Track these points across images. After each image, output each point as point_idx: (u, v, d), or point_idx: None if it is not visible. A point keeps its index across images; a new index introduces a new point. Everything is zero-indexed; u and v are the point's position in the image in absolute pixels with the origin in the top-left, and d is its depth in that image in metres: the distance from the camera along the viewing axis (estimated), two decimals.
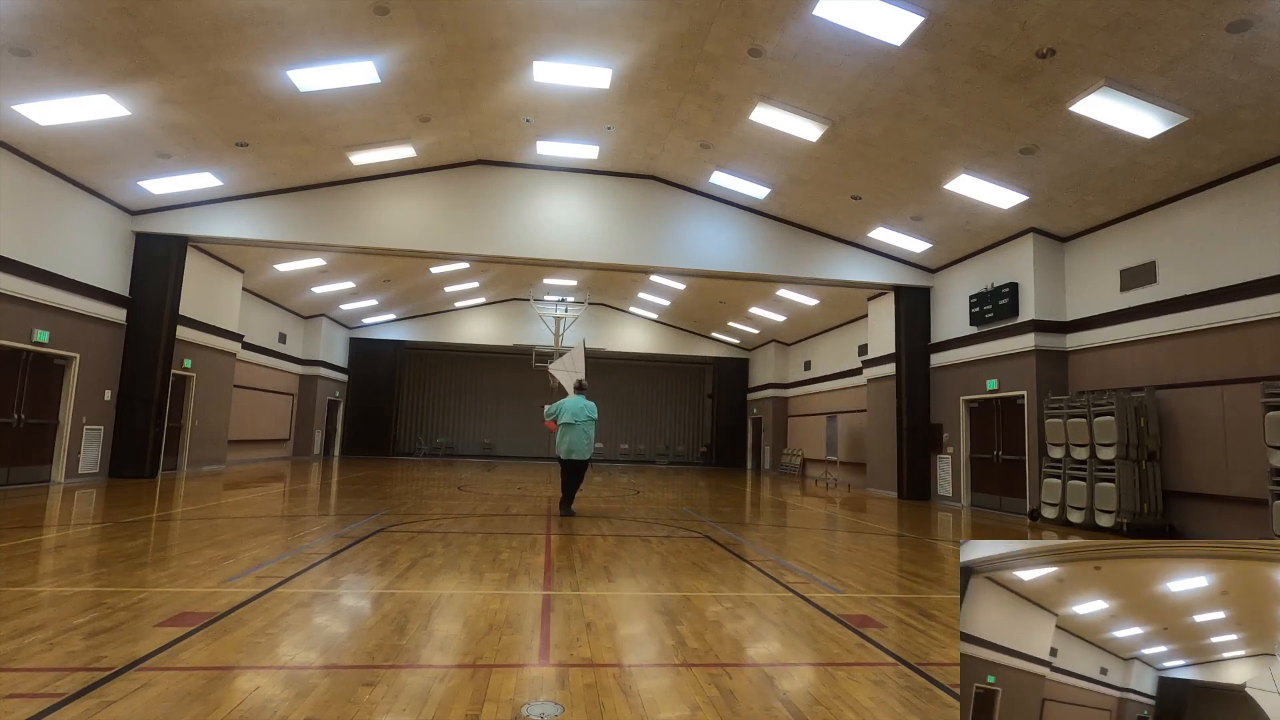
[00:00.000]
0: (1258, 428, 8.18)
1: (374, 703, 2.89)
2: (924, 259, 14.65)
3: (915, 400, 14.83)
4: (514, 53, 9.66)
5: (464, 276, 21.23)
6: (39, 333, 10.76)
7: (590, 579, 5.57)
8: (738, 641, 4.02)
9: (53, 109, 9.35)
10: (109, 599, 4.36)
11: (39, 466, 11.11)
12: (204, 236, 13.39)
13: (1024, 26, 7.42)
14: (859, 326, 18.93)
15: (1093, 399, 10.40)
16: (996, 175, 10.67)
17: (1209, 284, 9.42)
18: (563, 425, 9.51)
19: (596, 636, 3.98)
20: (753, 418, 27.22)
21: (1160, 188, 9.88)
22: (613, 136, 12.69)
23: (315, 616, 4.26)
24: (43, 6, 7.56)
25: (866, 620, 4.56)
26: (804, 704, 3.06)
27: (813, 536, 8.77)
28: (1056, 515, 10.66)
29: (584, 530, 8.32)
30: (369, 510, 9.58)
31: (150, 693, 2.90)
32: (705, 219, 14.62)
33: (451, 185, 13.98)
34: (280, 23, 8.33)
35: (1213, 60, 7.23)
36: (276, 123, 10.76)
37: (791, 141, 11.15)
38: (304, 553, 6.22)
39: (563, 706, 2.91)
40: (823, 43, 8.47)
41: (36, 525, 7.41)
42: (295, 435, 22.27)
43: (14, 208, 10.23)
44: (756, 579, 5.87)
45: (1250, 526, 8.61)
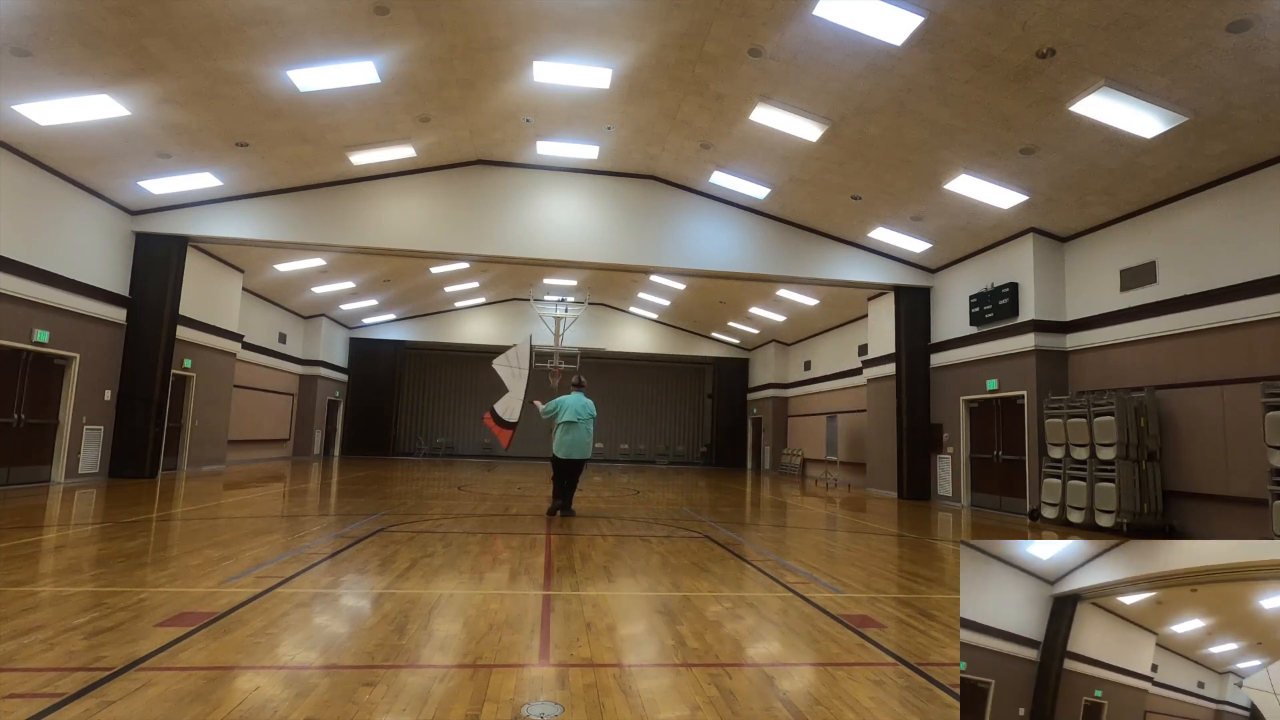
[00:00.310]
0: (1258, 428, 8.17)
1: (374, 703, 2.89)
2: (924, 259, 14.65)
3: (915, 400, 14.83)
4: (514, 53, 9.66)
5: (464, 276, 21.23)
6: (39, 333, 10.76)
7: (590, 579, 5.57)
8: (738, 641, 4.02)
9: (53, 109, 9.35)
10: (109, 599, 4.36)
11: (39, 466, 11.11)
12: (204, 236, 13.39)
13: (1024, 26, 7.42)
14: (859, 326, 18.93)
15: (1093, 399, 10.40)
16: (996, 175, 10.67)
17: (1209, 284, 9.42)
18: (564, 424, 9.28)
19: (596, 636, 3.98)
20: (753, 418, 27.22)
21: (1160, 188, 9.88)
22: (613, 136, 12.69)
23: (315, 616, 4.26)
24: (43, 6, 7.56)
25: (866, 620, 4.56)
26: (804, 704, 3.06)
27: (813, 536, 8.77)
28: (1056, 515, 10.66)
29: (584, 530, 8.32)
30: (369, 510, 9.58)
31: (150, 693, 2.90)
32: (705, 219, 14.62)
33: (451, 185, 13.98)
34: (280, 23, 8.33)
35: (1213, 60, 7.23)
36: (276, 123, 10.76)
37: (791, 141, 11.15)
38: (304, 553, 6.22)
39: (563, 706, 2.91)
40: (823, 43, 8.46)
41: (36, 525, 7.41)
42: (295, 435, 22.27)
43: (14, 208, 10.23)
44: (756, 579, 5.87)
45: (1250, 526, 8.61)
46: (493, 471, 19.56)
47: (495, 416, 10.51)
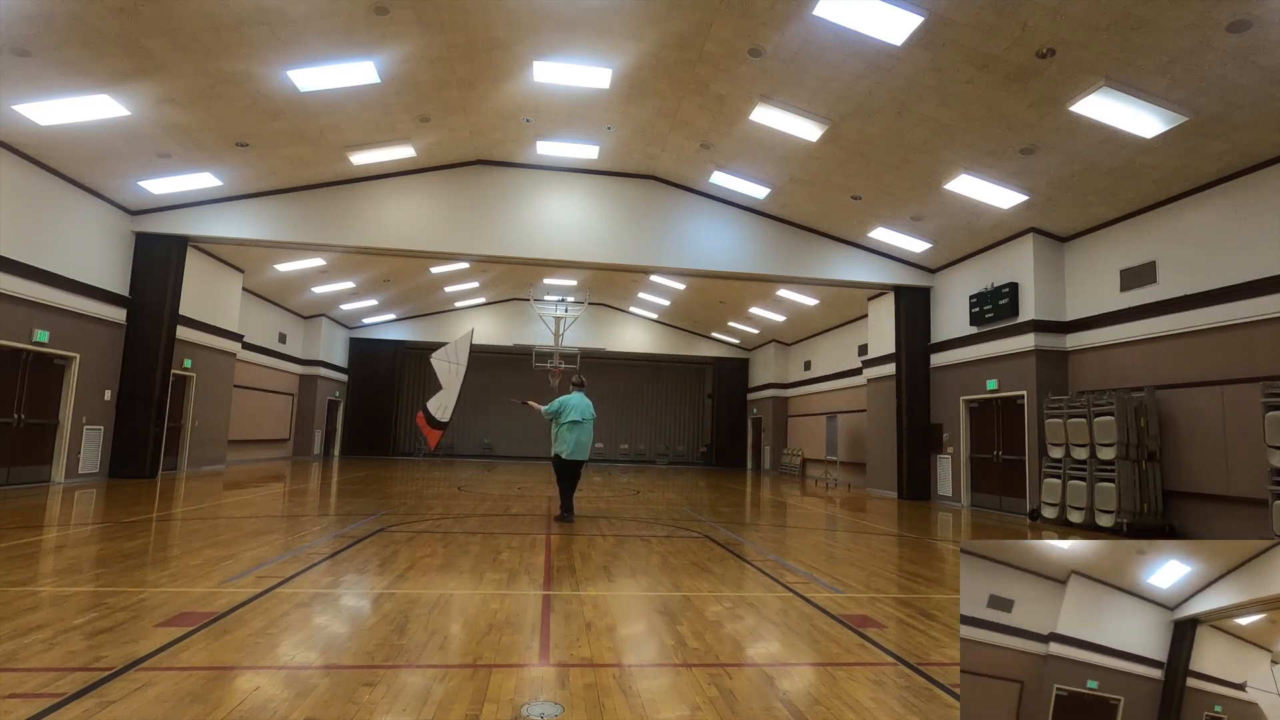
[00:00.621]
0: (1258, 428, 8.18)
1: (374, 703, 2.89)
2: (924, 259, 14.65)
3: (915, 400, 14.83)
4: (514, 53, 9.66)
5: (464, 276, 21.23)
6: (39, 333, 10.76)
7: (590, 579, 5.57)
8: (738, 641, 4.02)
9: (53, 109, 9.35)
10: (109, 599, 4.36)
11: (39, 466, 11.11)
12: (204, 236, 13.39)
13: (1024, 26, 7.42)
14: (859, 326, 18.93)
15: (1093, 399, 10.40)
16: (996, 175, 10.67)
17: (1209, 284, 9.42)
18: (568, 424, 9.09)
19: (596, 636, 3.98)
20: (753, 418, 27.22)
21: (1160, 188, 9.88)
22: (613, 136, 12.69)
23: (315, 616, 4.26)
24: (43, 6, 7.56)
25: (866, 620, 4.56)
26: (804, 704, 3.06)
27: (813, 536, 8.77)
28: (1056, 515, 10.66)
29: (584, 530, 8.32)
30: (369, 510, 9.58)
31: (150, 693, 2.90)
32: (705, 219, 14.62)
33: (451, 185, 13.98)
34: (280, 23, 8.33)
35: (1213, 60, 7.23)
36: (276, 123, 10.76)
37: (791, 141, 11.15)
38: (304, 553, 6.22)
39: (563, 706, 2.91)
40: (823, 43, 8.46)
41: (36, 525, 7.41)
42: (295, 435, 22.27)
43: (14, 208, 10.23)
44: (756, 579, 5.87)
45: (1250, 526, 8.61)
46: (492, 472, 19.56)
47: (427, 415, 9.90)
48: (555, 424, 9.27)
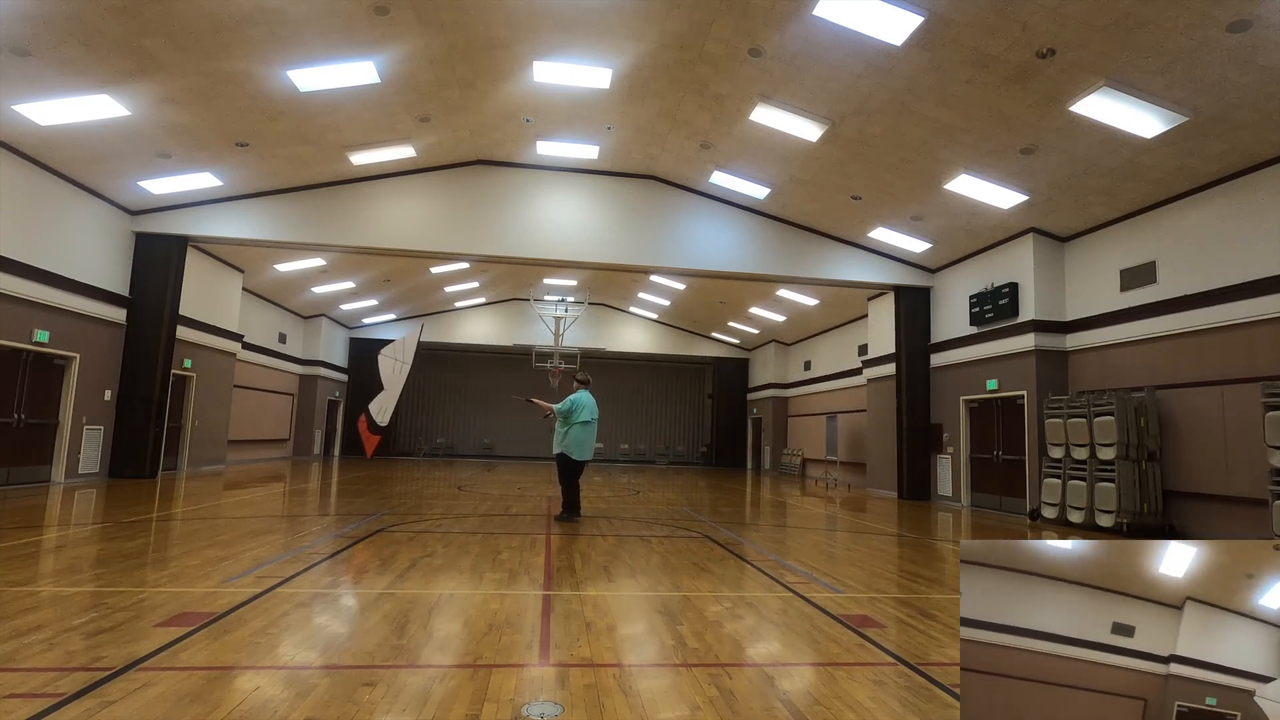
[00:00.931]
0: (1258, 428, 8.18)
1: (374, 703, 2.89)
2: (924, 259, 14.65)
3: (915, 400, 14.83)
4: (514, 53, 9.66)
5: (464, 276, 21.23)
6: (39, 333, 10.76)
7: (590, 579, 5.57)
8: (738, 641, 4.02)
9: (53, 109, 9.35)
10: (109, 599, 4.36)
11: (39, 466, 11.11)
12: (204, 236, 13.39)
13: (1024, 26, 7.42)
14: (859, 326, 18.93)
15: (1093, 399, 10.40)
16: (996, 175, 10.67)
17: (1209, 284, 9.42)
18: (580, 424, 8.97)
19: (596, 636, 3.98)
20: (753, 418, 27.22)
21: (1160, 188, 9.88)
22: (613, 136, 12.69)
23: (315, 616, 4.26)
24: (43, 6, 7.56)
25: (866, 620, 4.56)
26: (804, 704, 3.06)
27: (813, 536, 8.77)
28: (1056, 515, 10.66)
29: (584, 530, 8.32)
30: (369, 510, 9.58)
31: (150, 693, 2.90)
32: (705, 219, 14.62)
33: (451, 185, 13.98)
34: (280, 23, 8.33)
35: (1213, 60, 7.23)
36: (276, 123, 10.76)
37: (791, 141, 11.15)
38: (304, 553, 6.22)
39: (563, 706, 2.91)
40: (823, 43, 8.46)
41: (36, 525, 7.41)
42: (295, 435, 22.27)
43: (14, 208, 10.23)
44: (756, 579, 5.87)
45: (1250, 526, 8.62)
46: (492, 471, 19.56)
47: (369, 420, 9.50)
48: (565, 423, 9.07)
